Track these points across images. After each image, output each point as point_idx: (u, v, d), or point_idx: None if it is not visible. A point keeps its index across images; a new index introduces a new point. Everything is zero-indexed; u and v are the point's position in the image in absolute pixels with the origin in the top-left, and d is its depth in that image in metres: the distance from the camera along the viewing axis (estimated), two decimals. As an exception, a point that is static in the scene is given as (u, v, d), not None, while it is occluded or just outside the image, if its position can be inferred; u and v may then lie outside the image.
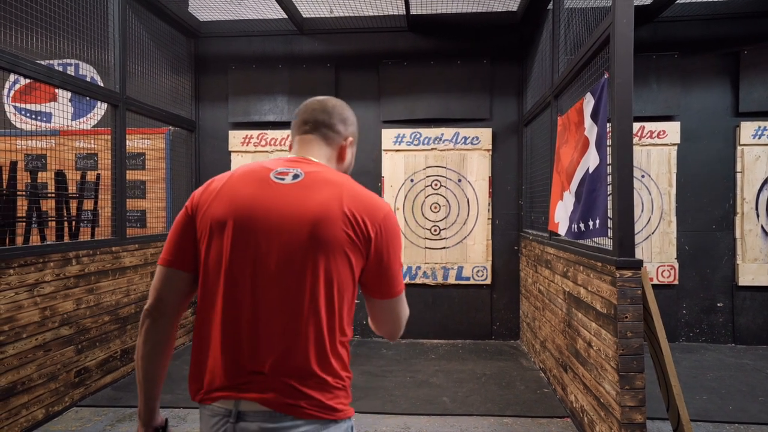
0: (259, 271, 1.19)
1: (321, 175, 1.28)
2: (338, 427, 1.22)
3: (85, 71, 5.89)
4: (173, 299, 1.29)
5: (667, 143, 5.45)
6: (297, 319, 1.18)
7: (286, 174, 1.27)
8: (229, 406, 1.19)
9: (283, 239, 1.19)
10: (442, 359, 5.05)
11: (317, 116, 1.42)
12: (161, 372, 1.33)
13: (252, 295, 1.19)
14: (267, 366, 1.17)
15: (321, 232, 1.19)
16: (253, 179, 1.26)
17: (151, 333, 1.29)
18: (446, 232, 5.77)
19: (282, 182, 1.25)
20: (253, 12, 5.59)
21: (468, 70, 5.74)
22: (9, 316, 3.29)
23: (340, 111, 1.45)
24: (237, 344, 1.19)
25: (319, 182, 1.26)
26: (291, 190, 1.24)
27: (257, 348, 1.18)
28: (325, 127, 1.42)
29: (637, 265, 2.73)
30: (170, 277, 1.29)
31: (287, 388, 1.17)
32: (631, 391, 2.69)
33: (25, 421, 3.42)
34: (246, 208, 1.22)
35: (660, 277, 5.45)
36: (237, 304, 1.20)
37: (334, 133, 1.43)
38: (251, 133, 5.91)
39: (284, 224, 1.20)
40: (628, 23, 2.76)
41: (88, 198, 4.60)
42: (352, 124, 1.49)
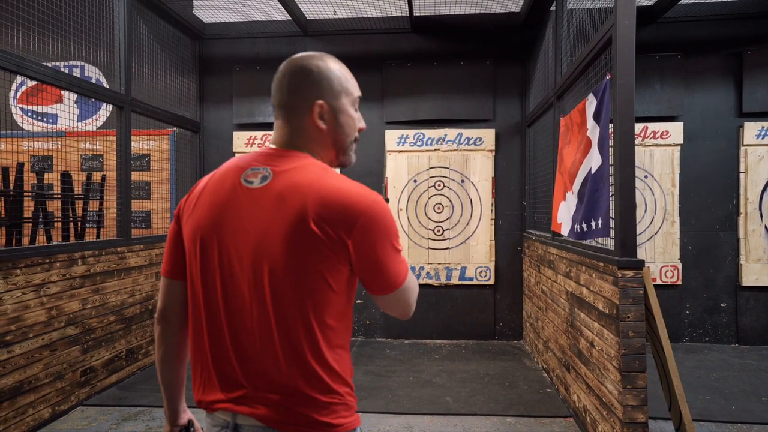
0: (230, 287, 1.14)
1: (289, 176, 1.13)
2: None
3: (91, 73, 5.93)
4: (175, 308, 1.30)
5: (670, 144, 5.45)
6: (273, 337, 1.11)
7: (256, 175, 1.15)
8: (227, 417, 1.17)
9: (252, 254, 1.11)
10: (446, 359, 5.06)
11: (276, 96, 1.23)
12: (178, 375, 1.35)
13: (227, 312, 1.15)
14: (252, 383, 1.14)
15: (289, 246, 1.08)
16: (226, 185, 1.17)
17: (162, 339, 1.32)
18: (449, 232, 5.78)
19: (250, 186, 1.14)
20: (257, 14, 5.62)
21: (471, 71, 5.76)
22: (16, 316, 3.33)
23: (294, 75, 1.20)
24: (225, 359, 1.16)
25: (286, 188, 1.12)
26: (258, 198, 1.13)
27: (242, 364, 1.15)
28: (283, 107, 1.22)
29: (639, 265, 2.74)
30: (168, 286, 1.29)
31: (276, 405, 1.12)
32: (633, 390, 2.70)
33: (32, 419, 3.46)
34: (216, 221, 1.15)
35: (663, 277, 5.45)
36: (216, 319, 1.17)
37: (292, 111, 1.21)
38: (255, 134, 5.94)
39: (251, 239, 1.11)
40: (630, 24, 2.77)
41: (93, 199, 4.63)
42: (315, 84, 1.20)
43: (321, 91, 1.20)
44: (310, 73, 1.20)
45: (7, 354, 3.25)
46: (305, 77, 1.20)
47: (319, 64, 1.21)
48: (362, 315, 5.83)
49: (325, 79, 1.21)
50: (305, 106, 1.20)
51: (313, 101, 1.20)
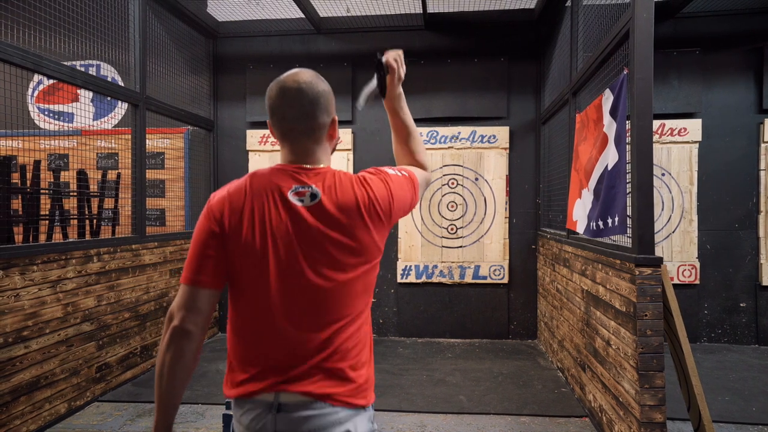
0: (291, 289, 1.28)
1: (333, 189, 1.31)
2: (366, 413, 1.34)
3: (107, 72, 5.98)
4: (199, 319, 1.28)
5: (688, 141, 5.37)
6: (325, 326, 1.29)
7: (304, 194, 1.30)
8: (269, 398, 1.27)
9: (316, 254, 1.28)
10: (459, 358, 5.03)
11: (302, 121, 1.34)
12: (184, 387, 1.31)
13: (285, 311, 1.28)
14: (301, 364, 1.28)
15: (358, 247, 1.31)
16: (275, 202, 1.29)
17: (182, 352, 1.27)
18: (463, 231, 5.75)
19: (302, 204, 1.29)
20: (270, 12, 5.63)
21: (485, 68, 5.72)
22: (33, 312, 3.36)
23: (318, 100, 1.34)
24: (275, 348, 1.29)
25: (335, 200, 1.30)
26: (316, 214, 1.29)
27: (292, 350, 1.28)
28: (314, 129, 1.35)
29: (657, 263, 2.69)
30: (195, 295, 1.27)
31: (319, 381, 1.27)
32: (650, 390, 2.66)
33: (48, 414, 3.49)
34: (284, 237, 1.28)
35: (681, 276, 5.37)
36: (272, 317, 1.28)
37: (322, 129, 1.37)
38: (269, 132, 5.95)
39: (313, 242, 1.28)
40: (648, 18, 2.72)
41: (108, 197, 4.67)
42: (331, 102, 1.39)
43: (333, 108, 1.40)
44: (328, 94, 1.37)
45: (24, 349, 3.29)
46: (326, 97, 1.36)
47: (325, 86, 1.38)
48: (375, 314, 5.81)
49: (333, 98, 1.41)
50: (328, 122, 1.38)
51: (332, 118, 1.39)
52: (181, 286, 1.30)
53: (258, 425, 1.26)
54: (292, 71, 1.36)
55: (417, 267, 5.77)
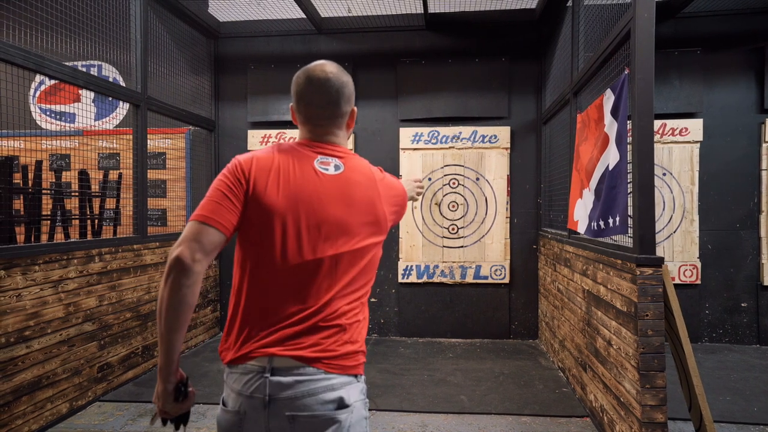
0: (305, 254, 1.32)
1: (354, 166, 1.45)
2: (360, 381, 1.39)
3: (108, 72, 5.99)
4: (203, 257, 1.26)
5: (689, 141, 5.37)
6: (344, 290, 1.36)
7: (328, 164, 1.41)
8: (263, 363, 1.30)
9: (340, 221, 1.35)
10: (460, 358, 5.03)
11: (327, 108, 1.45)
12: (186, 322, 1.28)
13: (295, 275, 1.32)
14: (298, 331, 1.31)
15: (368, 214, 1.40)
16: (301, 167, 1.38)
17: (179, 285, 1.24)
18: (464, 230, 5.75)
19: (327, 172, 1.38)
20: (271, 12, 5.63)
21: (486, 68, 5.72)
22: (34, 312, 3.37)
23: (343, 91, 1.47)
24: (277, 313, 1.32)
25: (357, 175, 1.43)
26: (337, 183, 1.38)
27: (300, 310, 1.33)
28: (337, 116, 1.48)
29: (658, 263, 2.69)
30: (208, 234, 1.27)
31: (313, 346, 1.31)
32: (651, 390, 2.66)
33: (50, 414, 3.49)
34: (307, 200, 1.34)
35: (682, 276, 5.36)
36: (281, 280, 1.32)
37: (343, 116, 1.50)
38: (270, 132, 5.95)
39: (338, 208, 1.36)
40: (649, 18, 2.72)
41: (110, 197, 4.68)
42: (353, 94, 1.53)
43: (353, 100, 1.53)
44: (351, 85, 1.50)
45: (26, 349, 3.29)
46: (349, 87, 1.49)
47: (349, 78, 1.50)
48: (376, 313, 5.81)
49: (354, 90, 1.54)
50: (348, 111, 1.51)
51: (352, 108, 1.52)
52: (189, 223, 1.29)
53: (250, 389, 1.26)
54: (319, 62, 1.46)
55: (418, 267, 5.77)
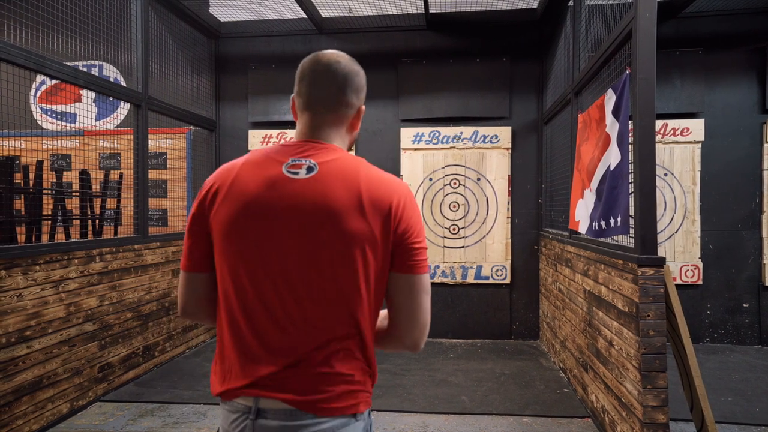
0: (273, 275, 1.14)
1: (336, 164, 1.18)
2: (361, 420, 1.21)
3: (109, 72, 5.99)
4: (200, 303, 1.27)
5: (690, 141, 5.36)
6: (315, 321, 1.15)
7: (300, 167, 1.17)
8: (249, 402, 1.16)
9: (303, 239, 1.13)
10: (461, 358, 5.02)
11: (330, 91, 1.25)
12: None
13: (270, 296, 1.15)
14: (284, 364, 1.15)
15: (341, 227, 1.12)
16: (264, 176, 1.17)
17: (209, 323, 1.34)
18: (465, 231, 5.74)
19: (296, 177, 1.16)
20: (272, 12, 5.63)
21: (487, 68, 5.71)
22: (35, 312, 3.37)
23: (353, 79, 1.27)
24: (256, 343, 1.16)
25: (334, 173, 1.16)
26: (305, 186, 1.15)
27: (274, 347, 1.15)
28: (340, 104, 1.27)
29: (660, 263, 2.68)
30: (191, 281, 1.26)
31: (303, 386, 1.14)
32: (653, 390, 2.65)
33: (51, 414, 3.49)
34: (256, 211, 1.15)
35: (683, 276, 5.35)
36: (253, 307, 1.16)
37: (348, 108, 1.28)
38: (271, 132, 5.95)
39: (302, 224, 1.13)
40: (651, 18, 2.72)
41: (111, 197, 4.68)
42: (364, 89, 1.32)
43: (362, 97, 1.32)
44: (363, 79, 1.31)
45: (27, 349, 3.29)
46: (361, 78, 1.30)
47: (362, 71, 1.32)
48: (377, 313, 5.81)
49: (365, 86, 1.33)
50: (355, 106, 1.29)
51: (360, 105, 1.31)
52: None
53: (236, 430, 1.17)
54: (331, 50, 1.30)
55: (419, 267, 5.76)
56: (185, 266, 1.27)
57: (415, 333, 1.23)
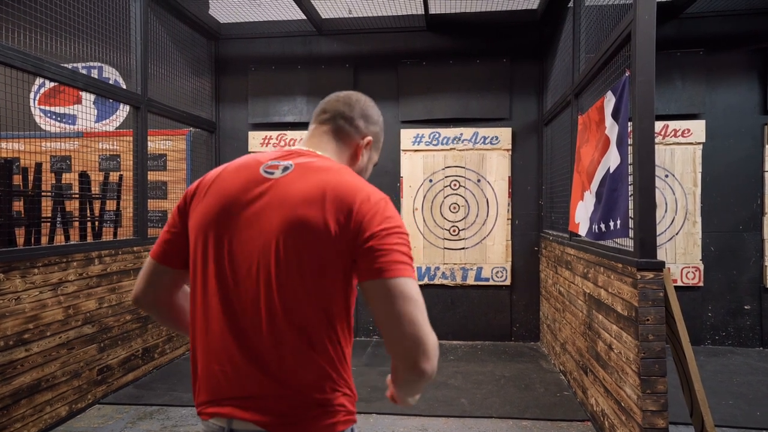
0: (241, 280, 1.12)
1: (312, 165, 1.17)
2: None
3: (109, 74, 5.99)
4: (161, 295, 1.28)
5: (691, 142, 5.33)
6: (282, 332, 1.09)
7: (277, 167, 1.17)
8: (221, 423, 1.14)
9: (261, 236, 1.10)
10: (461, 360, 5.01)
11: (338, 107, 1.32)
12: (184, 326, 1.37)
13: (237, 304, 1.12)
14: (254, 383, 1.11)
15: (297, 221, 1.08)
16: (242, 175, 1.18)
17: (154, 317, 1.34)
18: (465, 232, 5.73)
19: (271, 177, 1.16)
20: (272, 13, 5.63)
21: (487, 69, 5.70)
22: (34, 315, 3.36)
23: (363, 106, 1.34)
24: (226, 356, 1.12)
25: (306, 171, 1.15)
26: (275, 183, 1.14)
27: (244, 362, 1.11)
28: (343, 119, 1.30)
29: (659, 267, 2.67)
30: (156, 271, 1.27)
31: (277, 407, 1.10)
32: (652, 395, 2.64)
33: (49, 417, 3.49)
34: (228, 206, 1.15)
35: (684, 278, 5.33)
36: (221, 314, 1.13)
37: (351, 127, 1.31)
38: (271, 133, 5.94)
39: (261, 220, 1.11)
40: (650, 20, 2.70)
41: (110, 199, 4.67)
42: (375, 124, 1.36)
43: (376, 130, 1.37)
44: (376, 112, 1.38)
45: (25, 352, 3.29)
46: (373, 113, 1.37)
47: (377, 112, 1.40)
48: (377, 315, 5.79)
49: (379, 124, 1.39)
50: (362, 131, 1.33)
51: (369, 132, 1.35)
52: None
53: None
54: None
55: (419, 269, 5.76)
56: (156, 255, 1.27)
57: (405, 349, 1.05)
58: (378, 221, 1.09)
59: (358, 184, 1.14)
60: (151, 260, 1.27)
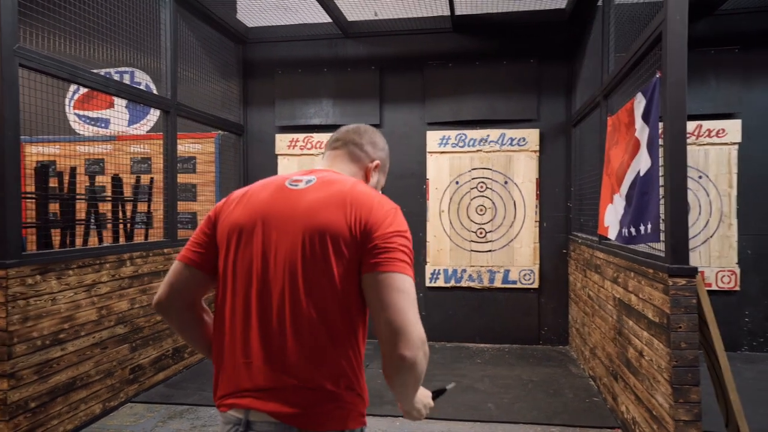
0: (267, 282, 1.21)
1: (333, 177, 1.32)
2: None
3: (141, 78, 6.12)
4: (182, 295, 1.33)
5: (726, 142, 5.18)
6: (303, 331, 1.18)
7: (300, 181, 1.32)
8: (239, 414, 1.21)
9: (288, 237, 1.21)
10: (488, 364, 4.97)
11: (349, 135, 1.49)
12: (202, 341, 1.41)
13: (260, 306, 1.21)
14: (275, 379, 1.18)
15: (321, 221, 1.20)
16: (268, 188, 1.31)
17: (173, 324, 1.37)
18: (492, 234, 5.68)
19: (295, 188, 1.29)
20: (299, 17, 5.67)
21: (514, 70, 5.64)
22: (69, 315, 3.46)
23: (371, 135, 1.51)
24: (250, 354, 1.21)
25: (328, 182, 1.29)
26: (300, 192, 1.27)
27: (267, 360, 1.19)
28: (354, 144, 1.47)
29: (692, 273, 2.60)
30: (183, 274, 1.32)
31: (293, 401, 1.17)
32: (685, 404, 2.57)
33: (84, 415, 3.58)
34: (258, 213, 1.26)
35: (719, 282, 5.19)
36: (248, 314, 1.22)
37: (361, 152, 1.48)
38: (297, 136, 5.99)
39: (287, 223, 1.22)
40: (681, 19, 2.63)
41: (141, 201, 4.77)
42: (382, 150, 1.53)
43: (382, 155, 1.53)
44: (382, 140, 1.54)
45: (61, 351, 3.38)
46: (380, 140, 1.53)
47: (385, 145, 1.56)
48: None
49: (385, 150, 1.55)
50: (370, 155, 1.49)
51: (377, 157, 1.50)
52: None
53: None
54: None
55: (446, 271, 5.73)
56: (184, 258, 1.33)
57: (388, 334, 1.13)
58: (386, 225, 1.21)
59: (373, 193, 1.29)
60: (179, 263, 1.33)
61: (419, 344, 1.15)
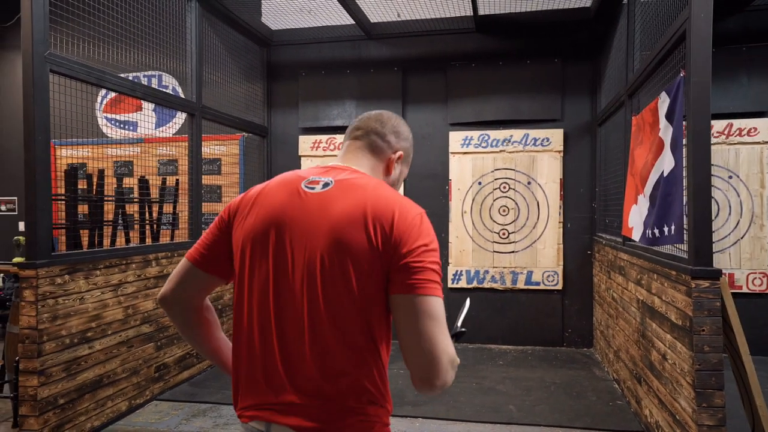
0: (283, 290, 1.16)
1: (351, 181, 1.22)
2: None
3: (168, 81, 6.25)
4: (186, 293, 1.32)
5: (758, 141, 5.05)
6: (324, 341, 1.13)
7: (317, 183, 1.23)
8: (261, 427, 1.18)
9: (307, 249, 1.15)
10: (511, 366, 4.94)
11: (371, 124, 1.38)
12: (213, 345, 1.41)
13: (277, 314, 1.17)
14: (295, 389, 1.15)
15: (342, 238, 1.12)
16: (284, 190, 1.24)
17: (176, 320, 1.36)
18: (515, 235, 5.63)
19: (311, 191, 1.21)
20: (322, 19, 5.71)
21: (538, 69, 5.58)
22: (96, 314, 3.55)
23: (395, 123, 1.40)
24: (268, 363, 1.17)
25: (346, 189, 1.20)
26: (317, 198, 1.19)
27: (287, 369, 1.16)
28: (375, 134, 1.37)
29: (716, 275, 2.54)
30: (193, 273, 1.31)
31: (315, 414, 1.14)
32: (709, 409, 2.52)
33: (111, 412, 3.68)
34: (272, 220, 1.20)
35: (750, 285, 5.05)
36: (265, 322, 1.18)
37: (383, 142, 1.37)
38: (320, 137, 6.04)
39: (306, 234, 1.16)
40: (706, 18, 2.57)
41: (167, 202, 4.87)
42: (405, 140, 1.42)
43: (406, 145, 1.42)
44: (406, 128, 1.44)
45: (89, 350, 3.48)
46: (404, 129, 1.43)
47: (408, 130, 1.46)
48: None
49: (409, 140, 1.45)
50: (393, 146, 1.39)
51: (400, 147, 1.40)
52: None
53: None
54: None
55: (468, 272, 5.71)
56: (192, 257, 1.31)
57: (420, 364, 1.09)
58: (414, 237, 1.13)
59: (395, 199, 1.18)
60: (186, 261, 1.32)
61: (450, 369, 1.11)
